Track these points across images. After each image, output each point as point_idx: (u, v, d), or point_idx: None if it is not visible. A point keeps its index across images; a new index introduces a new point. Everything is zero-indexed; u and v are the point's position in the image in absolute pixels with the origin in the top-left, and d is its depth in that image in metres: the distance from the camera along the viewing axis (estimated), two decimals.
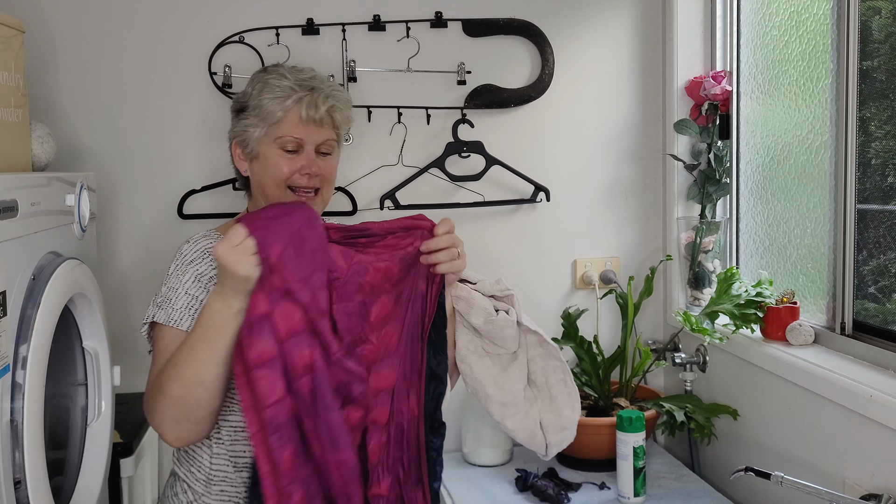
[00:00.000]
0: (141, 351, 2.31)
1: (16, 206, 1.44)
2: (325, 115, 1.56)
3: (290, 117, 1.54)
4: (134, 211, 2.30)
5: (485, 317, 1.52)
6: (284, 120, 1.54)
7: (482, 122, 2.38)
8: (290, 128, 1.55)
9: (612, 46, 2.45)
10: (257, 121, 1.56)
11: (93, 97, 2.26)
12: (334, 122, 1.59)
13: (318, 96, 1.56)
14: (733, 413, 2.11)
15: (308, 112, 1.54)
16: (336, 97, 1.59)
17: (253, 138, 1.57)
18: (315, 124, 1.55)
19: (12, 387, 1.41)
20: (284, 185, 1.56)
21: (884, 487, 1.58)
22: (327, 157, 1.59)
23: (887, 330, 1.76)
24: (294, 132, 1.55)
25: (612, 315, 2.48)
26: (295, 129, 1.55)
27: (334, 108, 1.58)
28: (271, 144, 1.56)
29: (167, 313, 1.50)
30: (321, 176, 1.57)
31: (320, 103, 1.55)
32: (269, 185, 1.57)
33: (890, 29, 1.75)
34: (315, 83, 1.58)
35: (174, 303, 1.50)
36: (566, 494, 2.01)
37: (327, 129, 1.58)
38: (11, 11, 1.76)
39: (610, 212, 2.49)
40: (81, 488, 1.74)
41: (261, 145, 1.57)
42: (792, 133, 2.08)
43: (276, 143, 1.55)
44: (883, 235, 1.78)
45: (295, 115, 1.54)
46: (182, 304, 1.50)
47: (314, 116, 1.54)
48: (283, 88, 1.55)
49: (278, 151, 1.55)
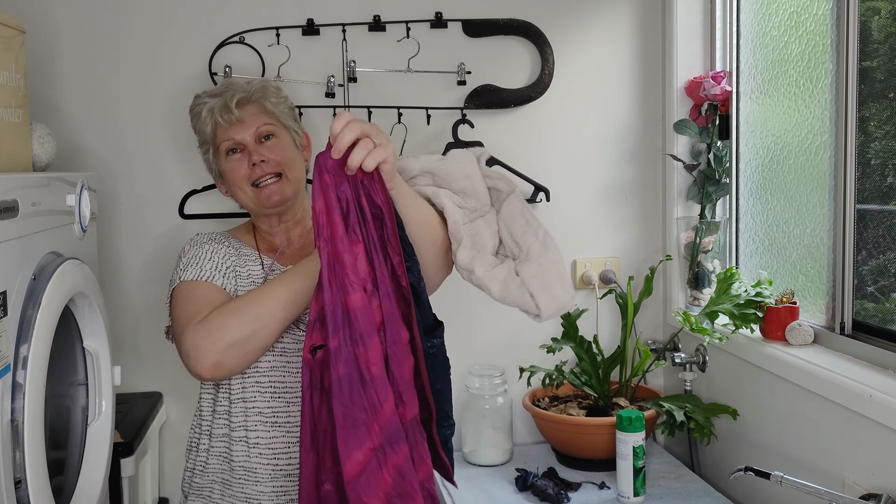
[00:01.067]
0: (141, 351, 2.32)
1: (16, 206, 1.44)
2: (241, 111, 1.66)
3: (218, 128, 1.68)
4: (135, 211, 2.30)
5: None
6: (215, 131, 1.69)
7: (482, 122, 2.38)
8: (221, 134, 1.68)
9: (612, 47, 2.45)
10: (205, 146, 1.73)
11: (93, 97, 2.26)
12: (263, 109, 1.69)
13: (226, 97, 1.67)
14: (733, 413, 2.11)
15: (222, 116, 1.67)
16: (246, 90, 1.69)
17: (211, 161, 1.73)
18: (237, 122, 1.67)
19: (13, 387, 1.41)
20: (248, 184, 1.66)
21: (883, 487, 1.58)
22: (271, 141, 1.68)
23: (887, 330, 1.76)
24: (225, 136, 1.68)
25: (611, 315, 2.48)
26: (224, 133, 1.68)
27: (246, 101, 1.67)
28: (221, 156, 1.70)
29: (196, 272, 1.60)
30: (270, 160, 1.66)
31: (229, 102, 1.66)
32: (238, 193, 1.69)
33: (889, 29, 1.75)
34: (224, 88, 1.70)
35: (202, 264, 1.62)
36: (566, 494, 2.01)
37: (254, 119, 1.67)
38: (12, 11, 1.76)
39: (610, 212, 2.49)
40: (82, 488, 1.74)
41: (218, 163, 1.71)
42: (791, 133, 2.08)
43: (220, 153, 1.69)
44: (882, 235, 1.78)
45: (217, 122, 1.68)
46: (210, 266, 1.62)
47: (230, 117, 1.66)
48: (200, 108, 1.70)
49: (227, 158, 1.68)
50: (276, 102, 1.71)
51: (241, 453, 1.60)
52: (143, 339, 2.33)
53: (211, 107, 1.68)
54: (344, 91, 2.33)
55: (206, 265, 1.62)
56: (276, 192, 1.66)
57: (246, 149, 1.67)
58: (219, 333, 1.45)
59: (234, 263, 1.66)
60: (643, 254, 2.51)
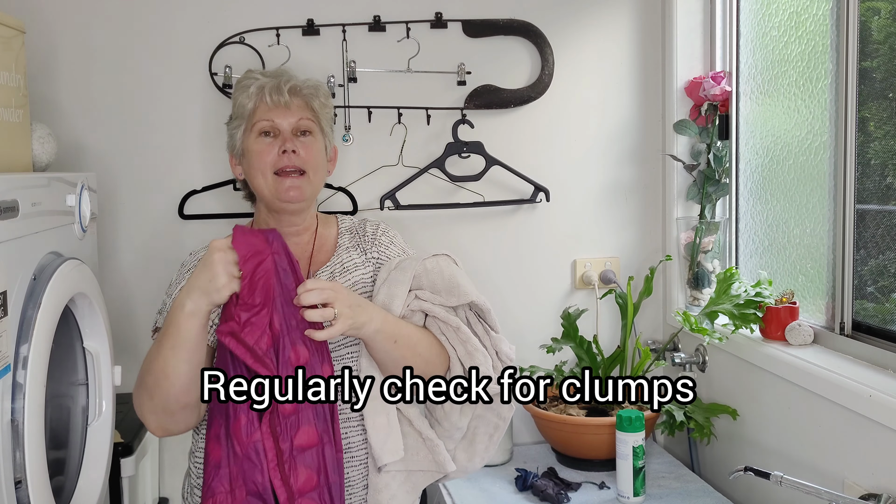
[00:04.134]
0: (141, 351, 2.32)
1: (17, 207, 1.44)
2: (290, 98, 1.63)
3: (260, 105, 1.64)
4: (135, 211, 2.30)
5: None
6: (256, 109, 1.64)
7: (482, 122, 2.38)
8: (261, 113, 1.63)
9: (612, 47, 2.45)
10: (238, 121, 1.66)
11: (93, 97, 2.26)
12: (308, 105, 1.66)
13: (281, 80, 1.64)
14: (733, 413, 2.11)
15: (272, 96, 1.63)
16: (302, 81, 1.66)
17: (237, 138, 1.67)
18: (283, 107, 1.63)
19: (13, 387, 1.42)
20: (270, 171, 1.62)
21: (883, 487, 1.58)
22: (306, 138, 1.65)
23: (886, 330, 1.76)
24: (265, 116, 1.63)
25: (611, 315, 2.48)
26: (266, 113, 1.63)
27: (298, 91, 1.65)
28: (251, 135, 1.64)
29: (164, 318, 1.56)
30: (301, 155, 1.62)
31: (283, 86, 1.63)
32: (258, 178, 1.63)
33: (889, 29, 1.75)
34: (279, 73, 1.67)
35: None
36: (566, 494, 2.01)
37: (299, 110, 1.64)
38: (12, 12, 1.76)
39: (610, 212, 2.49)
40: (82, 488, 1.74)
41: (245, 141, 1.65)
42: (791, 133, 2.08)
43: (253, 131, 1.63)
44: (882, 235, 1.78)
45: (263, 101, 1.63)
46: None
47: (279, 99, 1.63)
48: (250, 83, 1.65)
49: (258, 139, 1.63)
50: (323, 104, 1.68)
51: None
52: (144, 338, 2.32)
53: (262, 84, 1.63)
54: (344, 91, 2.33)
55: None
56: (296, 186, 1.62)
57: (280, 135, 1.62)
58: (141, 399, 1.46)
59: None
60: (643, 254, 2.51)
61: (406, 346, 1.53)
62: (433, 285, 1.59)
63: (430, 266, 1.61)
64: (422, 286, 1.60)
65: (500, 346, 1.61)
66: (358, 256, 1.69)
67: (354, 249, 1.70)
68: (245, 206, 2.30)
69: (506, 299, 2.40)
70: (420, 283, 1.60)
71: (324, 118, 1.68)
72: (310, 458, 1.41)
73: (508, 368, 1.58)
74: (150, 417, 1.47)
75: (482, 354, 1.58)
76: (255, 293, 1.38)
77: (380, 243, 1.71)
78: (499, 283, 2.40)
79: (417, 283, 1.61)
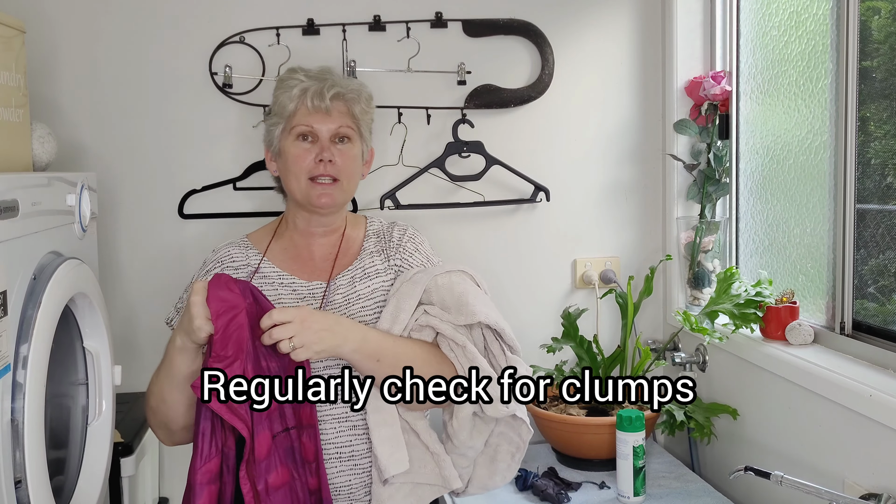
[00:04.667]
0: (141, 351, 2.32)
1: (16, 206, 1.44)
2: (331, 104, 1.62)
3: (301, 108, 1.63)
4: (134, 211, 2.30)
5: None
6: (296, 111, 1.63)
7: (482, 122, 2.38)
8: (301, 117, 1.63)
9: (612, 46, 2.45)
10: (277, 119, 1.66)
11: (93, 97, 2.26)
12: (350, 111, 1.65)
13: (325, 85, 1.63)
14: (733, 413, 2.11)
15: (314, 101, 1.62)
16: (345, 86, 1.65)
17: (275, 136, 1.67)
18: (324, 113, 1.62)
19: (13, 386, 1.41)
20: (305, 177, 1.62)
21: (883, 487, 1.58)
22: (344, 146, 1.64)
23: (887, 329, 1.76)
24: (305, 121, 1.62)
25: (611, 315, 2.48)
26: (305, 118, 1.63)
27: (340, 96, 1.63)
28: (289, 136, 1.64)
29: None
30: (337, 163, 1.62)
31: (325, 91, 1.62)
32: (293, 181, 1.64)
33: (889, 29, 1.75)
34: (324, 75, 1.66)
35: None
36: (566, 494, 2.01)
37: (339, 116, 1.64)
38: (12, 11, 1.76)
39: (610, 212, 2.49)
40: (82, 488, 1.74)
41: (282, 141, 1.65)
42: (791, 133, 2.08)
43: (291, 133, 1.63)
44: (882, 235, 1.78)
45: (304, 105, 1.62)
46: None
47: (320, 105, 1.62)
48: (293, 82, 1.64)
49: (295, 142, 1.63)
50: (364, 110, 1.68)
51: None
52: (144, 338, 2.32)
53: (305, 87, 1.62)
54: None
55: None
56: (328, 195, 1.62)
57: (319, 141, 1.63)
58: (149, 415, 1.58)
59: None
60: (643, 253, 2.51)
61: (390, 365, 1.50)
62: (442, 301, 1.57)
63: (441, 282, 1.59)
64: (432, 301, 1.58)
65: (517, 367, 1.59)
66: (381, 262, 1.68)
67: (378, 255, 1.69)
68: (244, 205, 2.32)
69: (506, 299, 2.39)
70: (430, 298, 1.58)
71: (363, 123, 1.68)
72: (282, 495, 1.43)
73: (508, 369, 1.57)
74: (157, 431, 1.59)
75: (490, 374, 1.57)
76: (228, 346, 1.39)
77: (404, 250, 1.69)
78: (499, 283, 2.40)
79: (427, 297, 1.59)
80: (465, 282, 1.60)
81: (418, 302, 1.58)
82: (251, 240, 1.73)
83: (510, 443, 1.62)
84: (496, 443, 1.62)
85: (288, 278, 1.65)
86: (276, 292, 1.63)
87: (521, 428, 1.60)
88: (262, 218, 2.31)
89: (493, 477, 1.64)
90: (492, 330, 1.57)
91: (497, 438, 1.62)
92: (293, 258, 1.69)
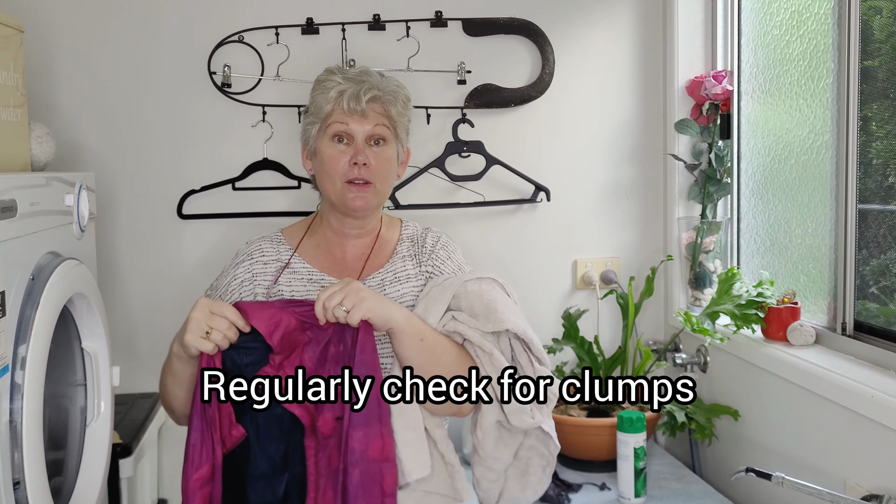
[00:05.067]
0: (140, 352, 2.32)
1: (15, 206, 1.43)
2: (368, 106, 1.61)
3: (337, 109, 1.62)
4: (133, 211, 2.30)
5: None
6: (333, 112, 1.62)
7: (482, 121, 2.37)
8: (337, 116, 1.62)
9: (613, 46, 2.45)
10: (313, 118, 1.66)
11: (92, 97, 2.26)
12: (386, 112, 1.64)
13: (362, 88, 1.62)
14: (734, 414, 2.10)
15: (350, 104, 1.61)
16: (382, 89, 1.64)
17: (311, 136, 1.66)
18: (360, 115, 1.62)
19: (11, 387, 1.41)
20: (340, 180, 1.62)
21: (885, 488, 1.57)
22: (379, 148, 1.64)
23: (888, 330, 1.76)
24: (341, 119, 1.62)
25: (612, 315, 2.48)
26: (342, 119, 1.62)
27: (377, 98, 1.62)
28: (324, 137, 1.63)
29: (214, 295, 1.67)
30: (371, 166, 1.61)
31: (362, 94, 1.61)
32: (327, 182, 1.64)
33: (891, 28, 1.75)
34: (362, 77, 1.65)
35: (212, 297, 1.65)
36: (567, 495, 2.00)
37: (375, 119, 1.63)
38: (11, 11, 1.76)
39: (610, 212, 2.48)
40: (81, 489, 1.73)
41: (317, 141, 1.65)
42: (793, 133, 2.07)
43: (327, 134, 1.63)
44: (884, 235, 1.78)
45: (340, 106, 1.62)
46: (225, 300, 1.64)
47: (356, 108, 1.61)
48: (330, 84, 1.63)
49: (331, 143, 1.63)
50: (401, 112, 1.66)
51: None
52: (142, 339, 2.32)
53: (342, 90, 1.61)
54: None
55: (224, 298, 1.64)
56: (362, 197, 1.62)
57: (354, 143, 1.62)
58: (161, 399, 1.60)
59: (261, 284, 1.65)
60: (644, 254, 2.50)
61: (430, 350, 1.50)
62: (471, 308, 1.56)
63: (471, 288, 1.58)
64: (460, 307, 1.57)
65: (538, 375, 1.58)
66: (413, 268, 1.67)
67: (411, 259, 1.68)
68: (244, 205, 2.31)
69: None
70: (459, 304, 1.57)
71: (400, 125, 1.66)
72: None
73: (508, 368, 1.56)
74: (170, 415, 1.61)
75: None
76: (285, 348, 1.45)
77: (437, 257, 1.69)
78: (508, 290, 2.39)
79: (456, 303, 1.58)
80: (494, 290, 1.59)
81: (447, 307, 1.57)
82: (285, 235, 1.73)
83: (541, 456, 1.61)
84: (527, 456, 1.61)
85: (318, 275, 1.65)
86: (304, 288, 1.63)
87: (549, 443, 1.59)
88: (261, 218, 2.30)
89: (525, 491, 1.62)
90: (520, 340, 1.56)
91: (528, 452, 1.60)
92: (325, 255, 1.69)
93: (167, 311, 2.30)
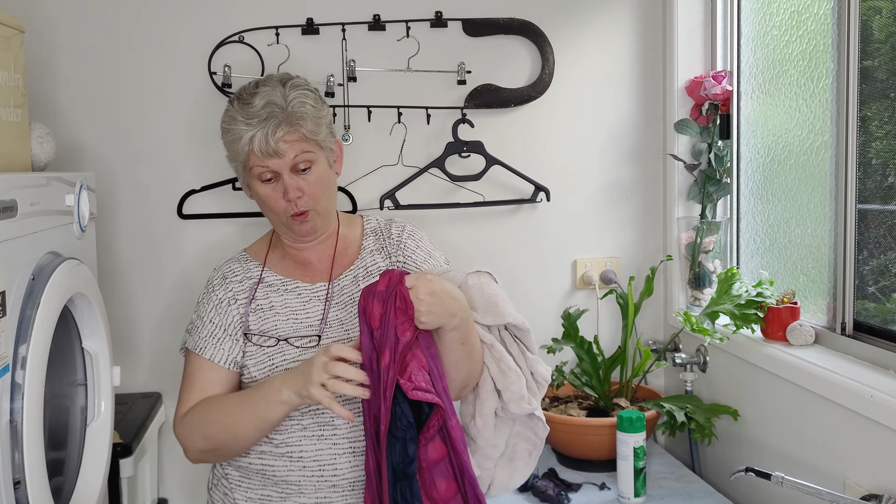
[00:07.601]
0: (140, 352, 2.32)
1: (15, 206, 1.43)
2: (280, 145, 1.56)
3: (252, 155, 1.58)
4: (133, 211, 2.30)
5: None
6: (249, 158, 1.59)
7: (482, 121, 2.38)
8: (256, 162, 1.59)
9: (613, 46, 2.45)
10: (235, 164, 1.65)
11: (92, 97, 2.26)
12: (302, 137, 1.58)
13: (268, 128, 1.56)
14: (734, 413, 2.11)
15: (262, 149, 1.56)
16: (288, 113, 1.57)
17: (240, 174, 1.66)
18: (275, 155, 1.57)
19: (12, 387, 1.41)
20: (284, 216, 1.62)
21: (884, 488, 1.58)
22: (307, 173, 1.60)
23: (888, 330, 1.76)
24: (261, 164, 1.58)
25: (612, 315, 2.48)
26: (260, 163, 1.59)
27: (286, 126, 1.56)
28: (252, 178, 1.62)
29: (194, 340, 1.63)
30: (306, 194, 1.60)
31: (269, 137, 1.56)
32: (271, 216, 1.66)
33: (890, 29, 1.75)
34: (267, 110, 1.56)
35: (200, 331, 1.64)
36: (566, 495, 2.00)
37: (293, 150, 1.58)
38: (11, 11, 1.76)
39: (610, 212, 2.48)
40: (81, 489, 1.73)
41: (247, 179, 1.64)
42: (792, 133, 2.07)
43: (253, 175, 1.61)
44: (883, 235, 1.78)
45: (253, 152, 1.58)
46: (206, 332, 1.63)
47: (269, 150, 1.56)
48: (236, 132, 1.59)
49: (260, 184, 1.61)
50: (315, 120, 1.60)
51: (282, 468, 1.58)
52: (143, 339, 2.32)
53: (251, 136, 1.56)
54: (343, 90, 2.32)
55: (203, 331, 1.63)
56: (308, 224, 1.62)
57: (281, 179, 1.59)
58: (195, 437, 1.56)
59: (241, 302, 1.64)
60: (644, 254, 2.51)
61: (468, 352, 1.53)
62: (471, 301, 1.57)
63: (472, 282, 1.59)
64: None
65: (536, 368, 1.61)
66: (382, 260, 1.68)
67: (379, 253, 1.69)
68: (244, 205, 2.31)
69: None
70: None
71: (319, 133, 1.61)
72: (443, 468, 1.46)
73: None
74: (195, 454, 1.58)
75: (515, 374, 1.58)
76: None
77: (405, 247, 1.70)
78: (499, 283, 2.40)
79: None
80: (492, 283, 1.62)
81: None
82: (249, 252, 1.74)
83: (527, 441, 1.64)
84: (514, 443, 1.64)
85: (291, 283, 1.66)
86: (282, 298, 1.65)
87: (538, 426, 1.62)
88: (261, 218, 2.30)
89: (513, 476, 1.66)
90: (510, 332, 1.60)
91: (514, 438, 1.64)
92: (292, 264, 1.70)
93: (167, 311, 2.30)
